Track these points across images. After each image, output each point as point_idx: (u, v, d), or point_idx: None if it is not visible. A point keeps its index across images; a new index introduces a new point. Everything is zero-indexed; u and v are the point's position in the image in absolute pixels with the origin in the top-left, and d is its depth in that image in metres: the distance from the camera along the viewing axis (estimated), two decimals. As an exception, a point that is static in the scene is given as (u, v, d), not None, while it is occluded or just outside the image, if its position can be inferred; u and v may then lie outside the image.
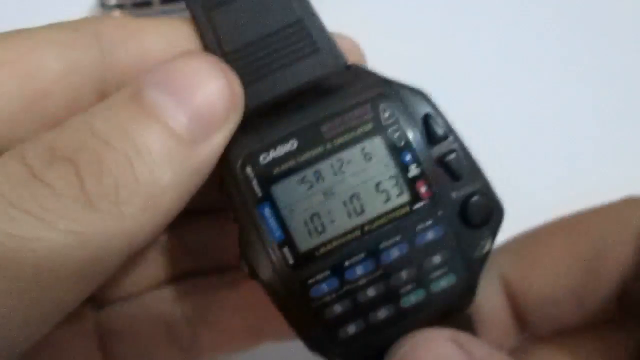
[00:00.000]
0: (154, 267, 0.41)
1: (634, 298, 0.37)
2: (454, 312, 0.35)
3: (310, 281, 0.33)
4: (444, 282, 0.34)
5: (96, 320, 0.40)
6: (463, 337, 0.34)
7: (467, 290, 0.34)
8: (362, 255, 0.33)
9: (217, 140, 0.31)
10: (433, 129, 0.33)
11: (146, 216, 0.28)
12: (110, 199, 0.27)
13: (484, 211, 0.34)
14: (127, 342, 0.40)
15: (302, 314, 0.33)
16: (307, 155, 0.33)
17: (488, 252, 0.34)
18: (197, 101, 0.30)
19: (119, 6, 0.57)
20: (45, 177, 0.27)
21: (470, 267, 0.34)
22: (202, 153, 0.30)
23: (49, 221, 0.26)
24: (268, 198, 0.32)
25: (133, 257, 0.37)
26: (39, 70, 0.30)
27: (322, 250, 0.33)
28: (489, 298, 0.39)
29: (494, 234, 0.34)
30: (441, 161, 0.33)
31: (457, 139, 0.34)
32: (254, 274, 0.33)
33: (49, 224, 0.26)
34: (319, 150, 0.33)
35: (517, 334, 0.41)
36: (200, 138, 0.30)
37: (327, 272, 0.33)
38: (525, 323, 0.40)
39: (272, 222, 0.32)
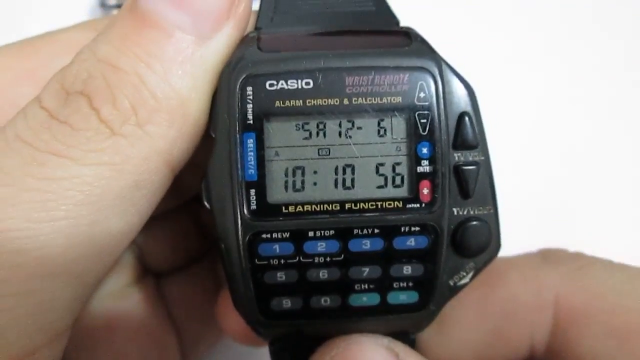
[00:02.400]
0: (192, 241, 0.43)
1: None
2: (401, 333, 0.31)
3: (264, 235, 0.29)
4: (403, 297, 0.30)
5: (158, 288, 0.42)
6: (400, 347, 0.31)
7: (425, 314, 0.31)
8: (330, 232, 0.29)
9: (228, 32, 0.28)
10: (465, 132, 0.29)
11: (175, 130, 0.27)
12: (131, 122, 0.26)
13: (478, 241, 0.29)
14: (186, 306, 0.42)
15: (240, 266, 0.29)
16: (318, 102, 0.28)
17: (464, 285, 0.30)
18: None
19: (119, 6, 0.54)
20: (61, 115, 0.26)
21: (439, 293, 0.30)
22: (216, 45, 0.28)
23: (77, 158, 0.25)
24: (258, 129, 0.28)
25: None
26: None
27: (291, 209, 0.28)
28: None
29: (477, 269, 0.30)
30: (458, 170, 0.29)
31: (485, 153, 0.29)
32: (208, 201, 0.29)
33: (77, 161, 0.25)
34: (334, 101, 0.28)
35: None
36: (209, 33, 0.28)
37: (286, 235, 0.29)
38: None
39: (251, 157, 0.28)
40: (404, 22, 0.32)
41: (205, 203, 0.29)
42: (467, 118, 0.29)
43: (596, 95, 0.58)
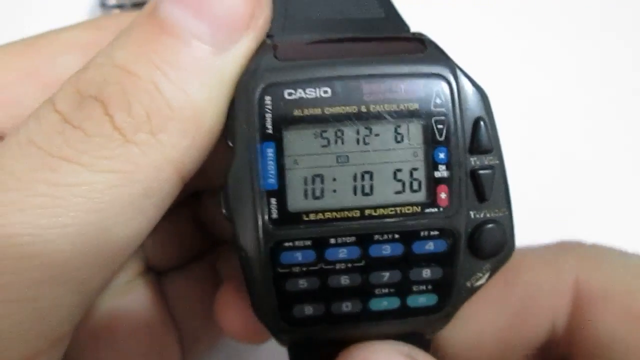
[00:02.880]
0: (192, 238, 0.43)
1: (561, 352, 0.36)
2: (417, 335, 0.32)
3: (286, 244, 0.29)
4: (422, 299, 0.30)
5: (159, 286, 0.41)
6: (420, 355, 0.31)
7: (443, 316, 0.31)
8: (351, 239, 0.29)
9: (246, 44, 0.28)
10: (480, 137, 0.29)
11: (188, 139, 0.27)
12: (145, 130, 0.26)
13: (495, 243, 0.30)
14: (187, 304, 0.42)
15: (262, 275, 0.29)
16: (336, 110, 0.28)
17: (481, 286, 0.31)
18: (216, 7, 0.27)
19: (119, 6, 0.54)
20: (75, 120, 0.26)
21: (456, 295, 0.31)
22: (233, 57, 0.28)
23: (88, 164, 0.25)
24: (277, 138, 0.28)
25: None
26: (64, 78, 0.28)
27: (312, 217, 0.29)
28: None
29: (494, 269, 0.31)
30: (474, 174, 0.29)
31: (500, 157, 0.30)
32: (227, 210, 0.29)
33: (88, 168, 0.25)
34: (351, 109, 0.28)
35: None
36: (227, 44, 0.27)
37: (308, 242, 0.29)
38: None
39: (271, 166, 0.28)
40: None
41: (224, 212, 0.29)
42: (482, 123, 0.29)
43: (602, 98, 0.59)
